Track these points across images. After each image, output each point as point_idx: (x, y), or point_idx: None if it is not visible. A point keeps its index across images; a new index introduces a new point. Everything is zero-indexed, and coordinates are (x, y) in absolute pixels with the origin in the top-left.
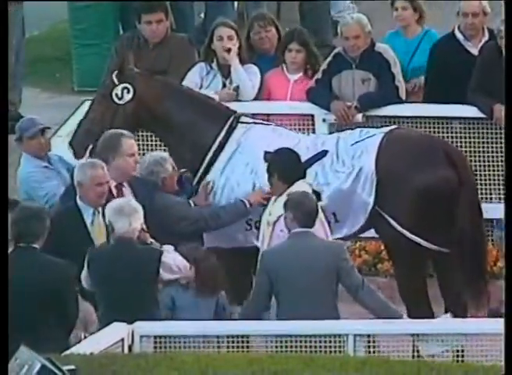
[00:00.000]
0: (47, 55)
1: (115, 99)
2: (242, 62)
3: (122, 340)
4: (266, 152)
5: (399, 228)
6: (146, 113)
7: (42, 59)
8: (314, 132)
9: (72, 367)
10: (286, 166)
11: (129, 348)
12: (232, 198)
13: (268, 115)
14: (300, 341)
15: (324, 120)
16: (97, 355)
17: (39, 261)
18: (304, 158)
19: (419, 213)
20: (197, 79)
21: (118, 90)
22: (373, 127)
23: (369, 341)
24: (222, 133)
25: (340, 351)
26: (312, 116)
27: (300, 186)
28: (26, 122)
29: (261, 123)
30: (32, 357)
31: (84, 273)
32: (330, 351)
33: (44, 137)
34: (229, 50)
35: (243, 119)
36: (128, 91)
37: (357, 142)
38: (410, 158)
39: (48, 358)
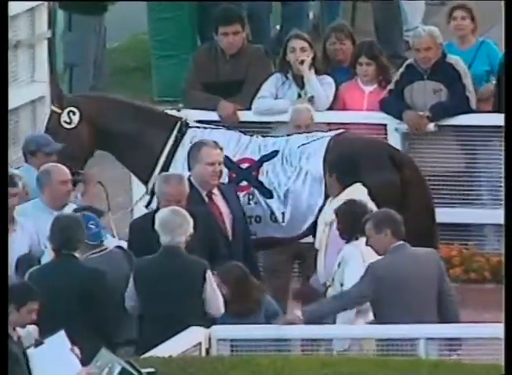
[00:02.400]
0: (127, 65)
1: (66, 126)
2: (317, 72)
3: (200, 343)
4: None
5: None
6: (97, 130)
7: (123, 70)
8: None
9: (152, 370)
10: (344, 169)
11: (207, 351)
12: None
13: (343, 124)
14: (384, 345)
15: (396, 130)
16: (175, 358)
17: (78, 269)
18: (256, 158)
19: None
20: (273, 89)
21: (64, 116)
22: (445, 137)
23: (440, 345)
24: (172, 138)
25: (412, 355)
26: (385, 125)
27: (357, 188)
28: (43, 138)
29: (211, 128)
30: (112, 360)
31: (129, 287)
32: (402, 355)
33: (55, 155)
34: (302, 62)
35: (192, 124)
36: (74, 113)
37: (303, 144)
38: (355, 159)
39: (127, 361)
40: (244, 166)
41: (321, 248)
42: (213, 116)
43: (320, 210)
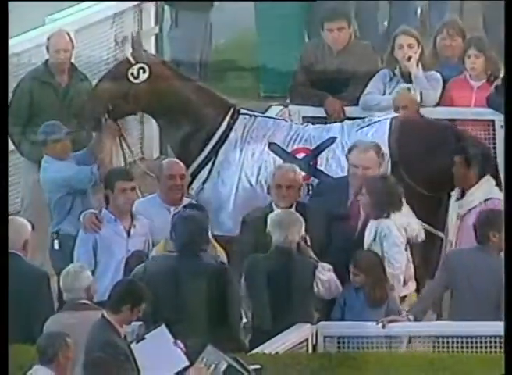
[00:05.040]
0: (234, 62)
1: (131, 78)
2: (424, 68)
3: (307, 340)
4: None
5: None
6: (157, 94)
7: (230, 67)
8: (494, 138)
9: (258, 366)
10: (484, 162)
11: (313, 347)
12: (240, 187)
13: (451, 121)
14: (483, 342)
15: (503, 126)
16: (282, 355)
17: (202, 268)
18: (311, 147)
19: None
20: (380, 85)
21: (134, 69)
22: None
23: None
24: (225, 123)
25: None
26: (493, 121)
27: (488, 180)
28: (50, 126)
29: (261, 116)
30: (218, 357)
31: (241, 283)
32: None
33: (67, 140)
34: (409, 58)
35: (242, 111)
36: (144, 71)
37: (362, 127)
38: (421, 141)
39: (234, 358)
40: (300, 156)
41: (450, 239)
42: (320, 111)
43: None
